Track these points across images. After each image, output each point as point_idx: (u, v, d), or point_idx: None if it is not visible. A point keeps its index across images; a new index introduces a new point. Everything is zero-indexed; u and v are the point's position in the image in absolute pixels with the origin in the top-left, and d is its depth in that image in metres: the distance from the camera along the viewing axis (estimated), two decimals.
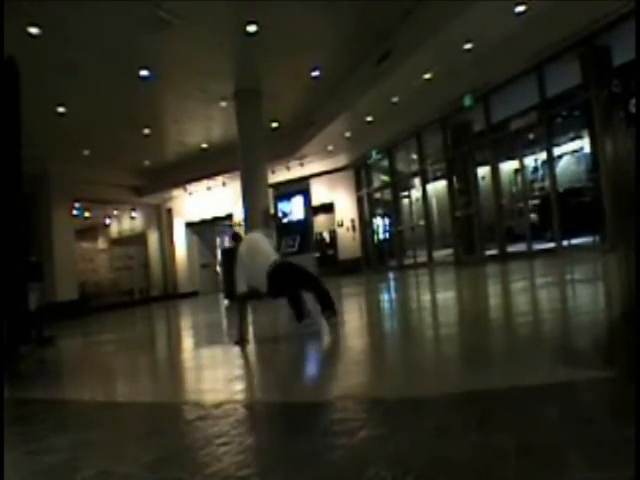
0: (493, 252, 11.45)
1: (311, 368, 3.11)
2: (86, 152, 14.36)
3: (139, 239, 20.77)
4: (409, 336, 3.72)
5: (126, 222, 21.12)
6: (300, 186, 12.13)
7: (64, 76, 9.50)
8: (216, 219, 19.67)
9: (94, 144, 13.85)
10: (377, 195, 16.83)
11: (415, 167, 14.31)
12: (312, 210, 11.99)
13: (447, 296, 6.23)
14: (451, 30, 8.52)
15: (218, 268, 19.88)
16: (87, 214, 19.21)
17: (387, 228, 16.90)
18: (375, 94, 11.05)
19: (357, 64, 10.80)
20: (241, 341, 4.01)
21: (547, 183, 10.34)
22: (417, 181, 14.43)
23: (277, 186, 13.56)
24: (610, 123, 2.75)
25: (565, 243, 9.57)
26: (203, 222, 19.99)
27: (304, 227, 11.22)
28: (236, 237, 4.93)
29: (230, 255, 12.41)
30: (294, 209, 11.47)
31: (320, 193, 16.58)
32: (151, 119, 12.97)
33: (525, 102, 10.21)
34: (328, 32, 9.45)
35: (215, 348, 4.23)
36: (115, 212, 20.83)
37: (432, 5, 8.47)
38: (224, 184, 18.03)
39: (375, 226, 16.93)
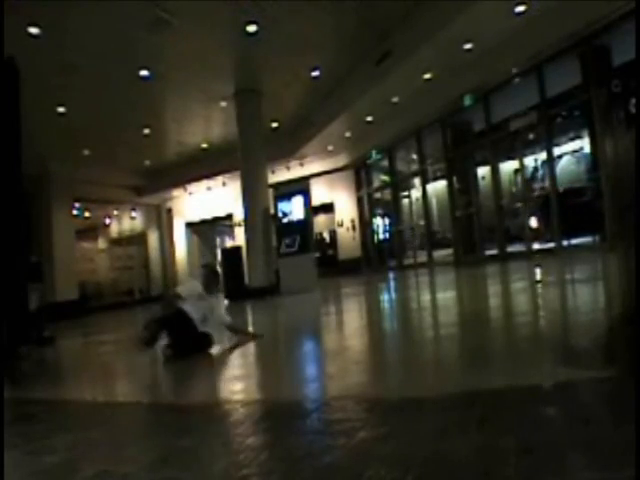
0: (493, 252, 11.45)
1: (310, 367, 3.11)
2: (86, 152, 14.35)
3: (139, 239, 20.77)
4: (409, 336, 3.72)
5: (126, 222, 21.11)
6: (300, 186, 12.12)
7: (64, 76, 9.49)
8: (216, 219, 19.67)
9: (94, 144, 13.84)
10: (377, 195, 16.83)
11: (415, 167, 14.32)
12: (312, 210, 11.99)
13: (447, 296, 6.23)
14: (451, 30, 8.53)
15: (218, 268, 19.86)
16: (87, 214, 19.20)
17: (387, 228, 16.91)
18: (375, 94, 11.05)
19: (357, 64, 10.80)
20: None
21: (547, 183, 10.34)
22: (417, 181, 14.43)
23: (277, 186, 13.56)
24: (610, 123, 2.75)
25: (565, 243, 9.57)
26: (203, 222, 19.98)
27: (304, 227, 11.21)
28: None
29: (231, 255, 12.45)
30: (294, 209, 11.47)
31: (320, 193, 16.58)
32: (151, 119, 12.97)
33: (525, 102, 10.21)
34: (328, 32, 9.46)
35: (216, 348, 4.21)
36: (115, 212, 20.83)
37: (432, 5, 8.47)
38: (224, 184, 18.04)
39: (375, 226, 16.93)
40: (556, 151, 10.37)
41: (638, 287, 2.30)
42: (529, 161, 11.88)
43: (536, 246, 10.42)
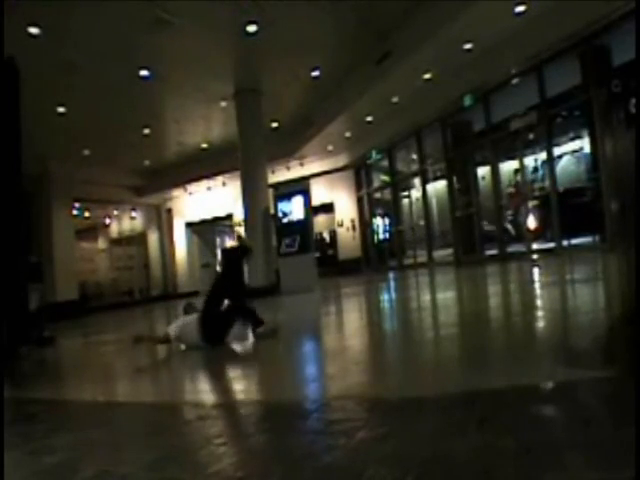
0: (493, 252, 11.45)
1: (310, 367, 3.12)
2: (86, 152, 14.36)
3: (139, 239, 20.78)
4: (409, 336, 3.72)
5: (126, 222, 21.12)
6: (300, 186, 12.12)
7: (64, 76, 9.50)
8: (216, 219, 19.68)
9: (94, 144, 13.85)
10: (377, 195, 16.83)
11: (415, 167, 14.32)
12: (312, 210, 12.00)
13: (447, 296, 6.24)
14: (451, 30, 8.53)
15: (218, 268, 19.88)
16: (87, 214, 19.21)
17: (387, 228, 16.91)
18: (375, 94, 11.06)
19: (357, 64, 10.80)
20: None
21: (547, 183, 10.35)
22: (417, 181, 14.44)
23: (277, 186, 13.56)
24: (610, 123, 2.76)
25: (565, 243, 9.57)
26: (203, 222, 19.99)
27: (304, 227, 11.22)
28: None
29: (230, 255, 12.44)
30: (294, 209, 11.47)
31: (320, 193, 16.59)
32: (151, 119, 12.98)
33: (525, 102, 10.22)
34: (328, 32, 9.46)
35: (217, 347, 4.22)
36: (115, 212, 20.84)
37: (432, 5, 8.47)
38: (224, 184, 18.05)
39: (375, 226, 16.93)
40: (556, 151, 10.38)
41: (638, 287, 2.30)
42: (529, 161, 11.88)
43: (536, 246, 10.42)
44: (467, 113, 11.92)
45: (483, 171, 12.22)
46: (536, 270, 6.95)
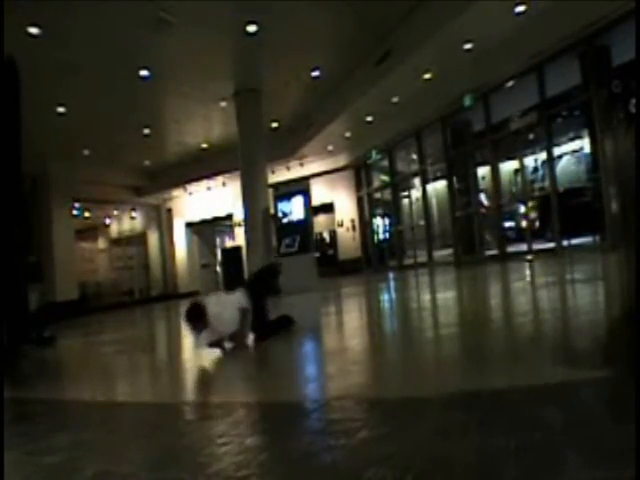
0: (493, 252, 11.45)
1: (310, 368, 3.12)
2: (86, 152, 14.35)
3: (139, 239, 20.76)
4: (409, 336, 3.72)
5: (126, 222, 21.11)
6: (300, 186, 12.11)
7: (64, 76, 9.50)
8: (216, 219, 19.68)
9: (94, 144, 13.84)
10: (377, 195, 16.83)
11: (415, 167, 14.32)
12: (312, 210, 11.99)
13: (447, 296, 6.23)
14: (451, 30, 8.52)
15: (218, 268, 19.88)
16: (87, 214, 19.19)
17: (387, 228, 16.90)
18: (375, 94, 11.05)
19: (357, 64, 10.80)
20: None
21: (547, 183, 10.35)
22: (417, 181, 14.43)
23: (277, 186, 13.56)
24: (610, 123, 2.75)
25: (565, 243, 9.57)
26: (203, 222, 19.99)
27: (304, 227, 11.21)
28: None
29: (231, 255, 12.45)
30: (294, 209, 11.47)
31: (320, 193, 16.58)
32: (151, 119, 12.97)
33: (525, 102, 10.21)
34: (328, 32, 9.46)
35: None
36: (115, 212, 20.82)
37: (432, 5, 8.46)
38: (224, 184, 18.04)
39: (375, 226, 16.93)
40: (556, 151, 10.38)
41: (638, 287, 2.30)
42: (529, 161, 11.88)
43: (536, 246, 10.42)
44: (467, 113, 11.91)
45: (483, 171, 12.21)
46: (533, 269, 6.95)
